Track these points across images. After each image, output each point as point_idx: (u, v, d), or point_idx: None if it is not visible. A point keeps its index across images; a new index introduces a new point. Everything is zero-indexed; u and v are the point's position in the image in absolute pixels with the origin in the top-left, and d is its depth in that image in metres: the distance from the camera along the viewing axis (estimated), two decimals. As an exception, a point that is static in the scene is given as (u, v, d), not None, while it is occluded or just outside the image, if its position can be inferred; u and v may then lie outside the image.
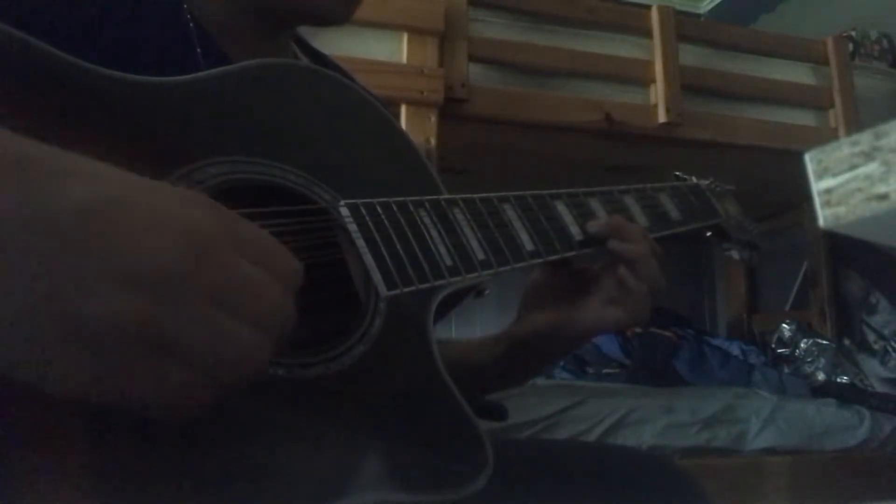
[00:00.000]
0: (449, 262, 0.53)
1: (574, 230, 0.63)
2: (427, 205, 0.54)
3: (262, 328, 0.33)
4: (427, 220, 0.54)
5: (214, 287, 0.32)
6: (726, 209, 0.83)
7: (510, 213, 0.60)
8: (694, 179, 0.82)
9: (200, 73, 0.49)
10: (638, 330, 2.14)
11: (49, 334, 0.29)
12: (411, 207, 0.53)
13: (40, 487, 0.32)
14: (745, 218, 0.86)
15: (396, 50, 1.53)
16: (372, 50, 1.49)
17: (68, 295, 0.29)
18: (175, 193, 0.34)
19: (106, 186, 0.31)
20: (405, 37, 1.53)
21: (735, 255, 0.84)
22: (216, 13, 0.59)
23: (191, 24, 0.56)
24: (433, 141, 1.46)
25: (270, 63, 0.53)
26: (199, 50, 0.56)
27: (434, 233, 0.53)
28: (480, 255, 0.55)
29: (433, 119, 1.48)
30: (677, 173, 0.83)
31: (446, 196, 0.57)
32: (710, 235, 0.82)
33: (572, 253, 0.62)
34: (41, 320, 0.28)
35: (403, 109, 1.47)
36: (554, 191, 0.64)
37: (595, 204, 0.66)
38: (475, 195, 0.58)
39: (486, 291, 0.60)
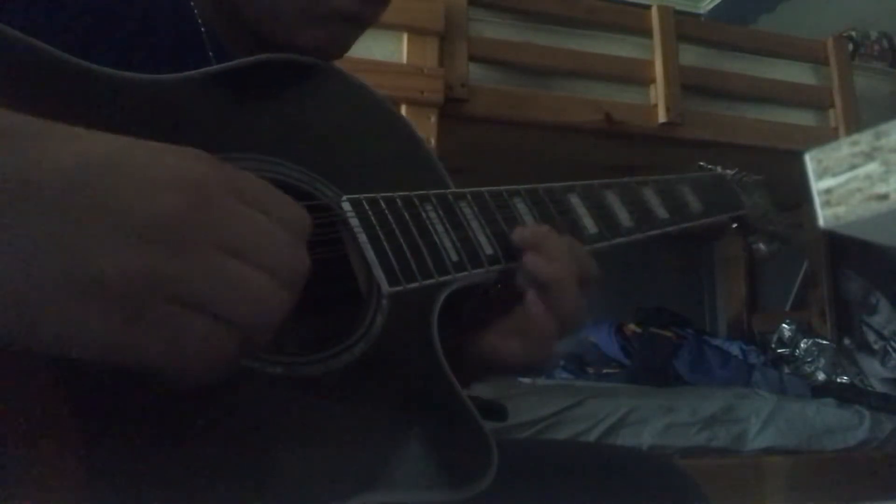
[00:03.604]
0: (455, 257, 0.52)
1: (588, 223, 0.61)
2: (433, 199, 0.53)
3: (277, 274, 0.33)
4: (433, 215, 0.53)
5: (223, 234, 0.32)
6: (753, 200, 0.81)
7: (521, 206, 0.58)
8: (719, 169, 0.80)
9: (200, 70, 0.49)
10: (638, 330, 2.14)
11: (64, 297, 0.29)
12: (416, 202, 0.52)
13: (39, 489, 0.32)
14: (774, 209, 0.84)
15: (396, 50, 1.53)
16: (372, 50, 1.49)
17: (77, 256, 0.29)
18: (171, 148, 0.33)
19: (100, 145, 0.31)
20: (405, 37, 1.53)
21: (762, 247, 0.82)
22: (223, 23, 0.59)
23: (202, 29, 0.57)
24: (433, 141, 1.46)
25: (271, 58, 0.53)
26: (210, 53, 0.56)
27: (440, 228, 0.52)
28: (488, 251, 0.54)
29: (433, 119, 1.49)
30: (702, 163, 0.81)
31: (453, 190, 0.56)
32: (735, 227, 0.80)
33: (587, 248, 0.59)
34: (54, 285, 0.28)
35: (403, 109, 1.47)
36: (568, 183, 0.62)
37: (611, 196, 0.64)
38: (484, 188, 0.57)
39: (499, 286, 0.58)
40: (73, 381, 0.34)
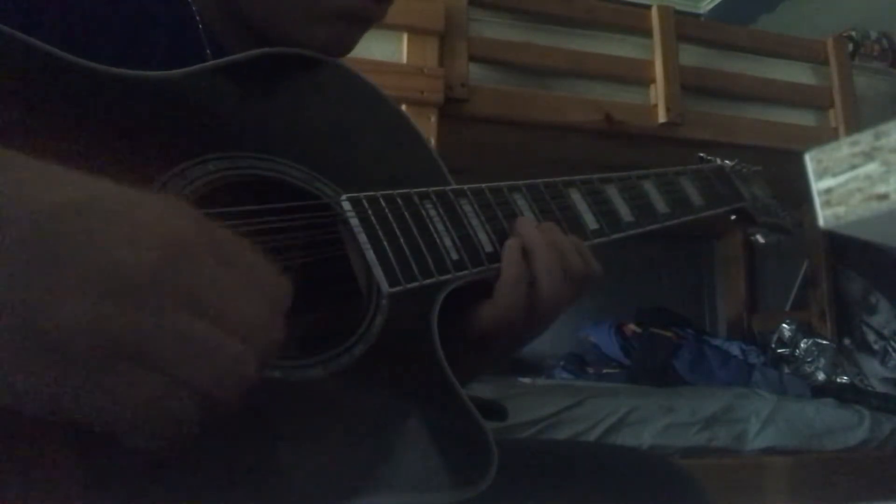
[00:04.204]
0: (455, 255, 0.52)
1: (589, 219, 0.61)
2: (433, 196, 0.53)
3: (247, 340, 0.31)
4: (433, 213, 0.52)
5: (192, 294, 0.30)
6: (752, 192, 0.81)
7: (521, 202, 0.58)
8: (718, 161, 0.81)
9: (198, 66, 0.49)
10: (638, 330, 2.14)
11: (17, 346, 0.27)
12: (416, 199, 0.52)
13: (39, 491, 0.32)
14: (774, 200, 0.84)
15: (396, 50, 1.53)
16: (372, 50, 1.49)
17: (36, 305, 0.27)
18: (151, 197, 0.32)
19: (75, 190, 0.30)
20: (405, 37, 1.53)
21: (760, 238, 0.83)
22: (223, 21, 0.59)
23: (200, 27, 0.56)
24: (433, 141, 1.46)
25: (269, 53, 0.52)
26: (208, 51, 0.56)
27: (440, 226, 0.52)
28: (488, 248, 0.54)
29: (433, 119, 1.48)
30: (701, 154, 0.81)
31: (453, 187, 0.56)
32: (734, 219, 0.80)
33: (588, 243, 0.60)
34: (9, 332, 0.27)
35: (403, 109, 1.47)
36: (568, 178, 0.62)
37: (611, 191, 0.64)
38: (484, 185, 0.57)
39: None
40: None
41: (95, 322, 0.28)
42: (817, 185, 0.28)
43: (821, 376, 2.06)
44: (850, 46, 2.11)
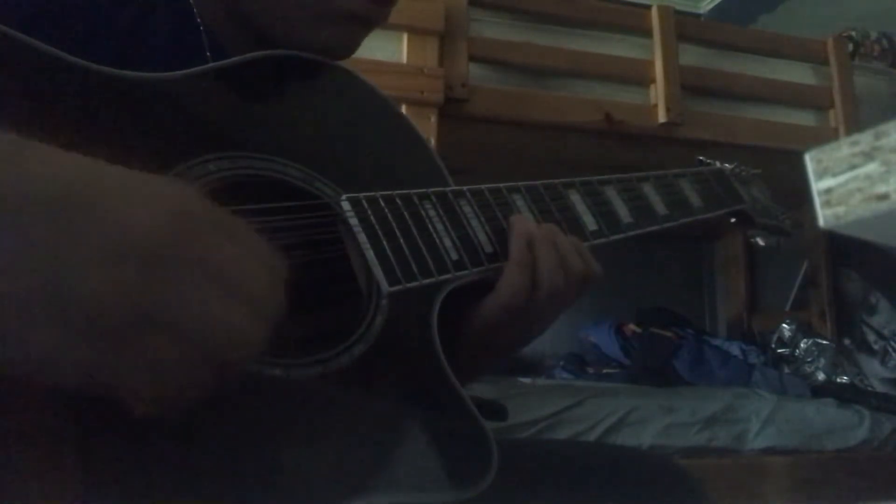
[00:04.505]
0: (455, 256, 0.52)
1: (588, 220, 0.61)
2: (433, 197, 0.53)
3: (257, 308, 0.32)
4: (432, 213, 0.53)
5: (206, 263, 0.31)
6: (752, 194, 0.81)
7: (520, 203, 0.58)
8: (718, 164, 0.81)
9: (198, 68, 0.49)
10: (638, 330, 2.14)
11: (39, 319, 0.28)
12: (416, 200, 0.52)
13: (40, 490, 0.32)
14: (773, 203, 0.85)
15: (396, 50, 1.53)
16: (372, 50, 1.49)
17: (56, 276, 0.28)
18: (154, 175, 0.33)
19: (85, 167, 0.31)
20: (405, 37, 1.53)
21: (760, 241, 0.83)
22: (224, 23, 0.59)
23: (201, 28, 0.57)
24: (433, 141, 1.46)
25: (269, 55, 0.52)
26: (208, 53, 0.56)
27: (440, 226, 0.52)
28: (488, 248, 0.54)
29: (433, 119, 1.48)
30: (701, 157, 0.82)
31: (453, 187, 0.56)
32: (734, 222, 0.80)
33: (587, 244, 0.60)
34: (31, 304, 0.27)
35: (403, 109, 1.47)
36: (567, 179, 0.62)
37: (611, 192, 0.64)
38: (483, 185, 0.57)
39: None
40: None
41: (114, 293, 0.28)
42: (817, 185, 0.28)
43: (821, 376, 2.06)
44: (850, 46, 2.11)
